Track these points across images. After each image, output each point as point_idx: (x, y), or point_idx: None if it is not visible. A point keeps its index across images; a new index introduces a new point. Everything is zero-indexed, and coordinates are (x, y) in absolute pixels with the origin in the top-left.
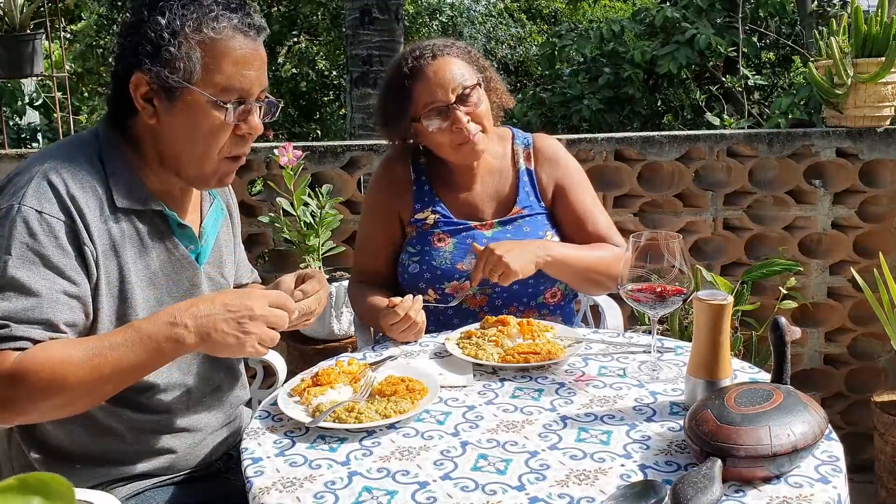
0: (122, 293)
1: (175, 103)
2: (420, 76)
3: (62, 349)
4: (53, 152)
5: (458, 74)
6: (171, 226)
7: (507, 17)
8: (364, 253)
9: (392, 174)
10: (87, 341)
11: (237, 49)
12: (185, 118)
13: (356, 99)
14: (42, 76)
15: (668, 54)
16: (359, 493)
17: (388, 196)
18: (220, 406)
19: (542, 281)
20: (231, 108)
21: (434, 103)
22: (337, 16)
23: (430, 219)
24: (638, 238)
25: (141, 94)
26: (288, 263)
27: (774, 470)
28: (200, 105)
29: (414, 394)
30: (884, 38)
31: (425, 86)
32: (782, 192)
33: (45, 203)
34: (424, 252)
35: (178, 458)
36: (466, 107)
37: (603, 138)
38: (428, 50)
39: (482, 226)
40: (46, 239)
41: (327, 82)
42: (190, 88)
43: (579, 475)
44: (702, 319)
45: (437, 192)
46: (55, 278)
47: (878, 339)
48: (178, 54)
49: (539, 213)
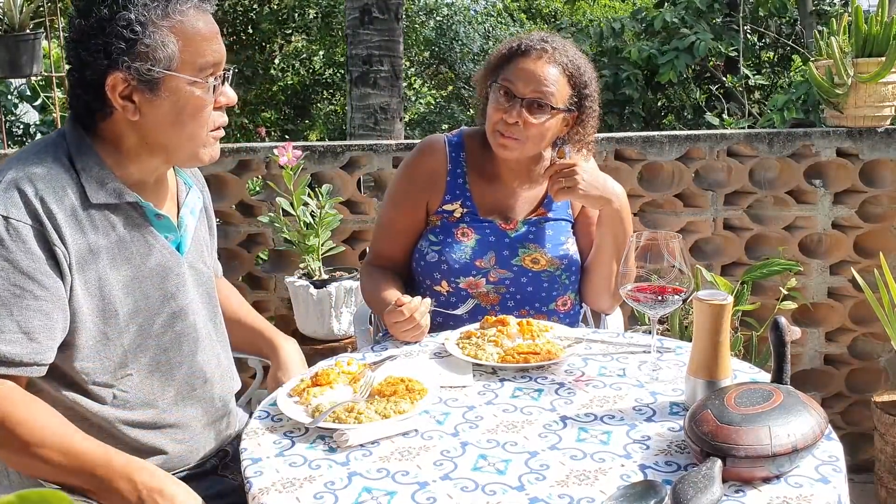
0: (101, 290)
1: (158, 93)
2: (526, 56)
3: (43, 419)
4: (21, 156)
5: (551, 84)
6: (149, 217)
7: (506, 16)
8: (383, 236)
9: (428, 163)
10: (65, 433)
11: (203, 27)
12: (171, 104)
13: (356, 99)
14: (41, 76)
15: (668, 62)
16: (358, 493)
17: (420, 185)
18: (211, 399)
19: (556, 287)
20: (210, 84)
21: (511, 85)
22: (329, 13)
23: (457, 211)
24: (638, 238)
25: (119, 93)
26: (288, 263)
27: (774, 470)
28: (183, 88)
29: (414, 394)
30: (884, 38)
31: (519, 67)
32: (782, 192)
33: (11, 208)
34: (445, 243)
35: (171, 455)
36: (529, 113)
37: (603, 138)
38: (551, 46)
39: (507, 225)
40: (14, 244)
41: (321, 80)
42: (172, 75)
43: (579, 475)
44: (702, 319)
45: (470, 185)
46: (27, 282)
47: (878, 339)
48: (153, 44)
49: (564, 219)
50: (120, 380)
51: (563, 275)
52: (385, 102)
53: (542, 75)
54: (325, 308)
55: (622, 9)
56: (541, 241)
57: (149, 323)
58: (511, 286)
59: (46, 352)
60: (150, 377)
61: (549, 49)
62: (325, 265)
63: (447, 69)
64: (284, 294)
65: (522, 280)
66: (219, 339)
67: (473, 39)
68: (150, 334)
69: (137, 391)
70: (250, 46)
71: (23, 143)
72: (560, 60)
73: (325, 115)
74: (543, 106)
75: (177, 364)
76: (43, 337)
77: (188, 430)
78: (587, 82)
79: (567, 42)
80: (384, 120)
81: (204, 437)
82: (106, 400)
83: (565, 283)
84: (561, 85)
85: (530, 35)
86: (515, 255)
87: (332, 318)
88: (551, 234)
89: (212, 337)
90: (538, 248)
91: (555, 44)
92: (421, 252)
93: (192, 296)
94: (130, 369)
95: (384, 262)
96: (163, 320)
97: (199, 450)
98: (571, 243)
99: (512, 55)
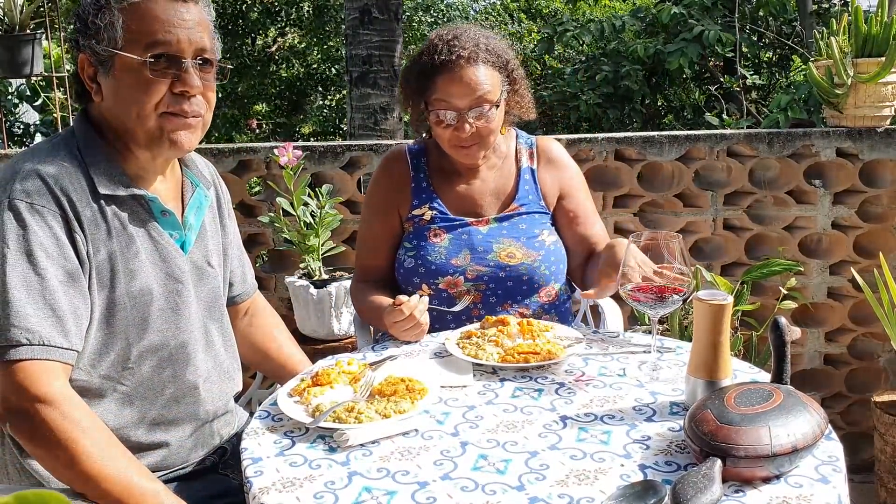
0: (111, 281)
1: (110, 73)
2: (446, 72)
3: (96, 434)
4: (36, 150)
5: (483, 85)
6: (154, 213)
7: (505, 16)
8: (365, 250)
9: (391, 171)
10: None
11: (159, 10)
12: (120, 83)
13: (356, 99)
14: (42, 76)
15: (678, 50)
16: (358, 493)
17: (387, 192)
18: (210, 397)
19: (537, 278)
20: (157, 62)
21: (448, 103)
22: (322, 7)
23: (426, 215)
24: (638, 238)
25: (87, 75)
26: (288, 263)
27: (774, 470)
28: (130, 67)
29: (414, 394)
30: (884, 38)
31: (447, 84)
32: (782, 192)
33: (34, 195)
34: (420, 247)
35: (171, 452)
36: (478, 120)
37: (603, 138)
38: (464, 50)
39: (478, 222)
40: (40, 229)
41: (314, 75)
42: (118, 54)
43: (579, 475)
44: (702, 319)
45: (435, 188)
46: (52, 268)
47: (878, 339)
48: (101, 24)
49: (538, 211)
50: (121, 373)
51: (542, 266)
52: (385, 102)
53: (473, 81)
54: (325, 308)
55: (622, 9)
56: (515, 235)
57: (150, 317)
58: (490, 282)
59: (77, 338)
60: (151, 373)
61: (462, 53)
62: (326, 265)
63: None
64: (284, 294)
65: (500, 275)
66: (222, 339)
67: None
68: (151, 329)
69: (138, 385)
70: (239, 37)
71: (23, 143)
72: (478, 57)
73: (318, 110)
74: (486, 104)
75: (176, 362)
76: (72, 323)
77: (189, 427)
78: (507, 58)
79: (471, 29)
80: (384, 120)
81: (204, 434)
82: (107, 394)
83: (546, 275)
84: (492, 78)
85: (433, 44)
86: (490, 251)
87: (332, 318)
88: (524, 228)
89: (209, 337)
90: (513, 241)
91: (463, 43)
92: (399, 260)
93: (191, 294)
94: (131, 363)
95: (371, 275)
96: (164, 315)
97: (197, 449)
98: (548, 234)
99: (430, 73)
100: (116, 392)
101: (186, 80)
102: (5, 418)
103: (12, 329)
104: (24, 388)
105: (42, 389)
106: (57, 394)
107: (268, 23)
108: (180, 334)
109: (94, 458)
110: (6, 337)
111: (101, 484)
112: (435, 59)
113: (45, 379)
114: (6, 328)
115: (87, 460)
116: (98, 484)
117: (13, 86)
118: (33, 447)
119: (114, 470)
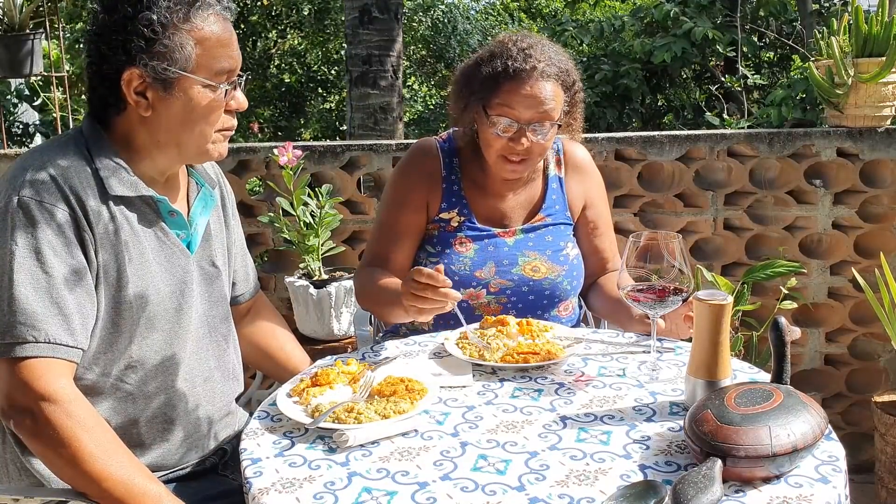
0: (118, 281)
1: (172, 92)
2: (517, 80)
3: (100, 436)
4: (44, 149)
5: (550, 101)
6: (161, 213)
7: (506, 16)
8: (385, 240)
9: (422, 165)
10: (124, 460)
11: (222, 33)
12: (183, 104)
13: (356, 98)
14: (41, 76)
15: (664, 44)
16: (358, 493)
17: (417, 185)
18: (211, 398)
19: (559, 293)
20: (223, 88)
21: (511, 111)
22: (323, 10)
23: (454, 220)
24: (638, 238)
25: (134, 88)
26: (287, 264)
27: (774, 470)
28: (196, 90)
29: (413, 394)
30: (884, 38)
31: (513, 93)
32: (783, 192)
33: (43, 193)
34: (444, 255)
35: (171, 452)
36: (535, 136)
37: (603, 138)
38: (538, 62)
39: (505, 233)
40: (48, 227)
41: (315, 78)
42: (187, 76)
43: (579, 475)
44: (702, 319)
45: (466, 193)
46: (59, 266)
47: (878, 339)
48: (172, 46)
49: (563, 223)
50: (125, 371)
51: (565, 281)
52: (385, 102)
53: (541, 96)
54: (325, 308)
55: (622, 9)
56: (540, 249)
57: (156, 317)
58: (512, 296)
59: (83, 336)
60: (155, 372)
61: (537, 65)
62: (325, 265)
63: (444, 67)
64: (284, 294)
65: (524, 289)
66: (227, 339)
67: (472, 35)
68: (156, 329)
69: (141, 384)
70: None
71: (22, 143)
72: (550, 72)
73: (319, 113)
74: (547, 124)
75: (181, 361)
76: (78, 322)
77: (189, 427)
78: (574, 78)
79: (544, 42)
80: (384, 120)
81: (203, 434)
82: (110, 393)
83: (567, 289)
84: (557, 96)
85: (507, 48)
86: (515, 265)
87: (332, 319)
88: (551, 241)
89: (214, 336)
90: (538, 255)
91: (538, 54)
92: (419, 263)
93: (196, 294)
94: (136, 362)
95: (383, 265)
96: (169, 315)
97: (199, 447)
98: (572, 247)
99: (500, 78)
100: (119, 391)
101: (238, 99)
102: (9, 415)
103: (18, 326)
104: (29, 386)
105: (47, 387)
106: (61, 392)
107: (268, 26)
108: (185, 334)
109: (97, 458)
110: (12, 334)
111: (102, 484)
112: (508, 64)
113: (51, 377)
114: (12, 325)
115: (89, 459)
116: (99, 483)
117: (12, 85)
118: (36, 445)
119: (115, 470)
